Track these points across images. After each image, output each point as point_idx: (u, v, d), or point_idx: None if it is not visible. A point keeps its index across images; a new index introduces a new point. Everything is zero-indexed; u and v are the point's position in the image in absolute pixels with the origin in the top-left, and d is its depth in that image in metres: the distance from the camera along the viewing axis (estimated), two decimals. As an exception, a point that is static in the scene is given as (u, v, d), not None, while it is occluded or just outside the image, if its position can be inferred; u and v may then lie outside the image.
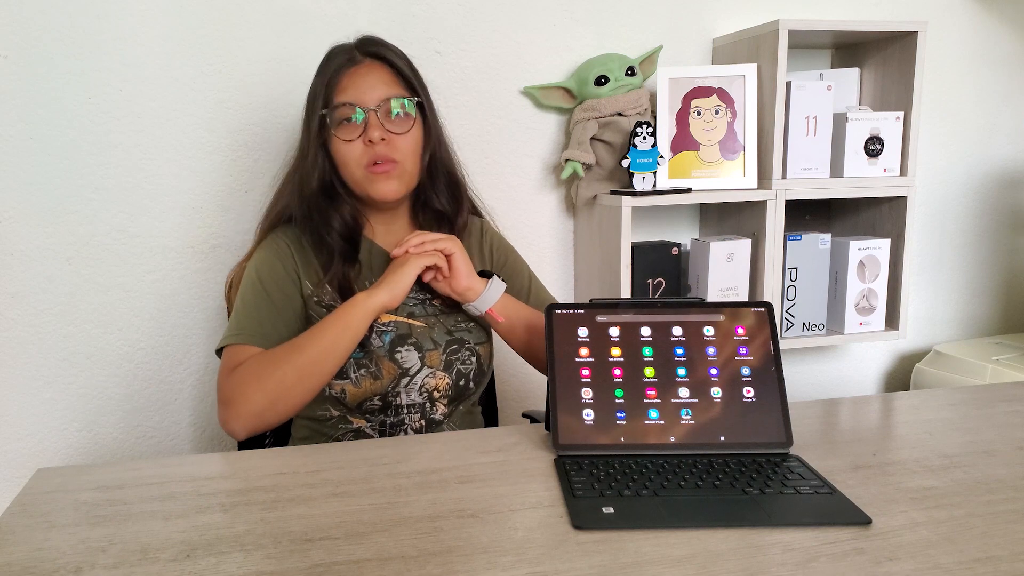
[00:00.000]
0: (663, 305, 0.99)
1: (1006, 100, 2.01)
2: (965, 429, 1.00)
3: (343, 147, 1.13)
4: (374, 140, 1.11)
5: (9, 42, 1.40)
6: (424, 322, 1.17)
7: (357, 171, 1.14)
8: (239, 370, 1.05)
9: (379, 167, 1.12)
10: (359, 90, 1.12)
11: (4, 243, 1.45)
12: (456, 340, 1.18)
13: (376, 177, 1.13)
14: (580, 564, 0.68)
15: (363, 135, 1.12)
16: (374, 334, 1.14)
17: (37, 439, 1.52)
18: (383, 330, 1.15)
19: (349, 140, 1.12)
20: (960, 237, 2.05)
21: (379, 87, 1.13)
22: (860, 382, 2.07)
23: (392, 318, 1.16)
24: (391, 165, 1.13)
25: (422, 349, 1.15)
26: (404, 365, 1.14)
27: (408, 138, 1.14)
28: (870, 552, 0.70)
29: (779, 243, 1.65)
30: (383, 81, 1.14)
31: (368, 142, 1.11)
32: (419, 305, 1.19)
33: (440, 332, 1.17)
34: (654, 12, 1.73)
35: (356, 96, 1.12)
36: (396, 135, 1.13)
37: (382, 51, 1.16)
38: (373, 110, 1.11)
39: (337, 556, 0.70)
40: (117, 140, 1.47)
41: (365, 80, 1.13)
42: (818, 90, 1.64)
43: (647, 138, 1.55)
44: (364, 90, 1.12)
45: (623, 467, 0.87)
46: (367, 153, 1.12)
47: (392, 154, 1.12)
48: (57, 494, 0.84)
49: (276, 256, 1.16)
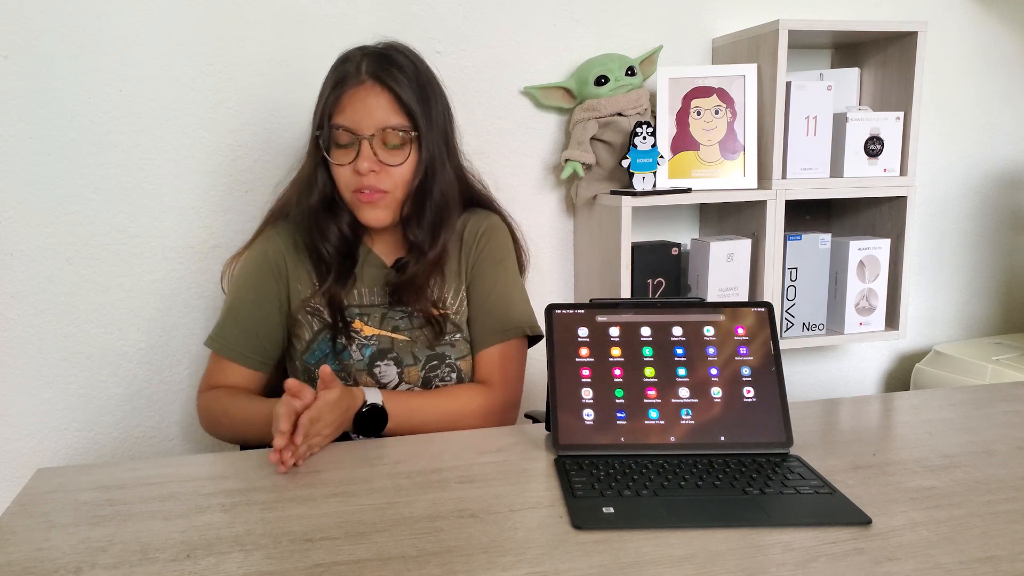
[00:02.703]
0: (663, 305, 0.99)
1: (1006, 100, 2.01)
2: (965, 429, 1.00)
3: (336, 168, 1.13)
4: (362, 171, 1.09)
5: (9, 42, 1.40)
6: (408, 336, 1.17)
7: (346, 194, 1.14)
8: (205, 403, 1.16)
9: (364, 196, 1.11)
10: (357, 115, 1.09)
11: (4, 243, 1.45)
12: (437, 356, 1.17)
13: (362, 205, 1.12)
14: (580, 564, 0.68)
15: (354, 162, 1.10)
16: (355, 347, 1.15)
17: (37, 439, 1.52)
18: (364, 343, 1.15)
19: (340, 164, 1.11)
20: (960, 237, 2.05)
21: (377, 114, 1.09)
22: (860, 382, 2.06)
23: (376, 331, 1.16)
24: (378, 196, 1.11)
25: (401, 364, 1.15)
26: (382, 380, 1.14)
27: (401, 169, 1.12)
28: (870, 552, 0.70)
29: (779, 243, 1.65)
30: (382, 107, 1.10)
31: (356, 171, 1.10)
32: (404, 319, 1.18)
33: (422, 347, 1.17)
34: (654, 12, 1.73)
35: (353, 121, 1.09)
36: (389, 166, 1.11)
37: (387, 77, 1.10)
38: (367, 139, 1.09)
39: (337, 556, 0.70)
40: (117, 140, 1.47)
41: (364, 104, 1.09)
42: (818, 90, 1.64)
43: (647, 138, 1.55)
44: (362, 116, 1.09)
45: (623, 467, 0.87)
46: (355, 180, 1.11)
47: (380, 184, 1.11)
48: (57, 494, 0.84)
49: (267, 258, 1.18)
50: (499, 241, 1.24)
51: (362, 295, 1.18)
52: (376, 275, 1.19)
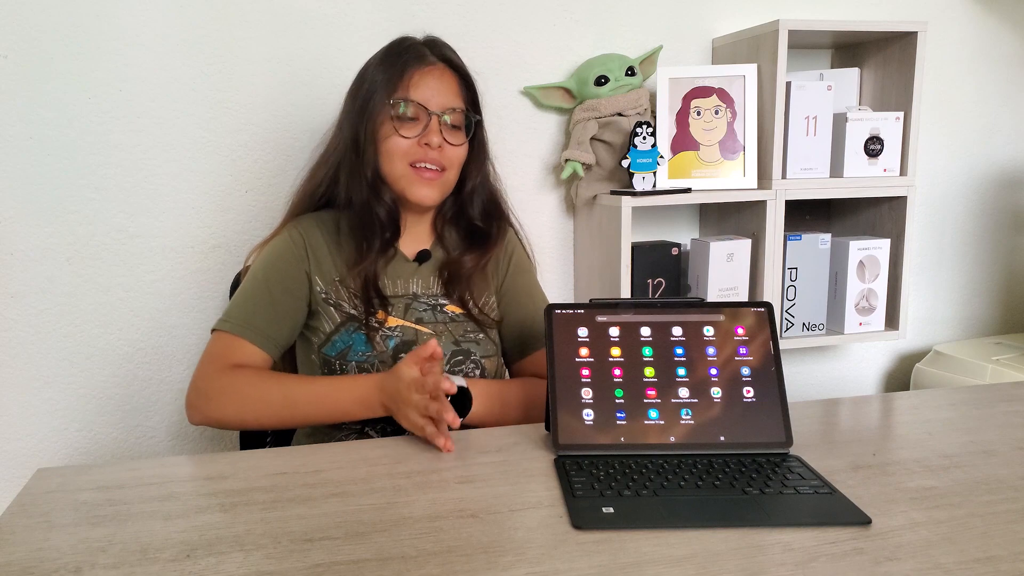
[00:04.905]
0: (663, 305, 0.99)
1: (1006, 100, 2.01)
2: (965, 429, 1.00)
3: (395, 140, 1.13)
4: (431, 144, 1.12)
5: (9, 42, 1.40)
6: (432, 329, 1.16)
7: (400, 166, 1.14)
8: (230, 380, 1.06)
9: (425, 171, 1.13)
10: (430, 91, 1.13)
11: (4, 243, 1.45)
12: (462, 351, 1.17)
13: (420, 179, 1.14)
14: (580, 564, 0.68)
15: (421, 136, 1.12)
16: (379, 337, 1.13)
17: (37, 439, 1.52)
18: (388, 335, 1.14)
19: (407, 136, 1.13)
20: (960, 237, 2.05)
21: (448, 95, 1.15)
22: (860, 382, 2.06)
23: (400, 323, 1.15)
24: (437, 174, 1.14)
25: None
26: None
27: (459, 149, 1.17)
28: (870, 552, 0.70)
29: (779, 243, 1.65)
30: (452, 90, 1.16)
31: (424, 144, 1.12)
32: (429, 311, 1.18)
33: (447, 342, 1.16)
34: (654, 12, 1.73)
35: (425, 97, 1.13)
36: (452, 145, 1.15)
37: (455, 59, 1.18)
38: (438, 115, 1.13)
39: (337, 556, 0.70)
40: (117, 140, 1.47)
41: (438, 84, 1.14)
42: (818, 90, 1.64)
43: (647, 138, 1.55)
44: (434, 93, 1.13)
45: (623, 467, 0.87)
46: (416, 151, 1.13)
47: (443, 161, 1.14)
48: (57, 494, 0.84)
49: (289, 251, 1.16)
50: (522, 250, 1.32)
51: (384, 287, 1.17)
52: (399, 268, 1.19)
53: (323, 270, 1.16)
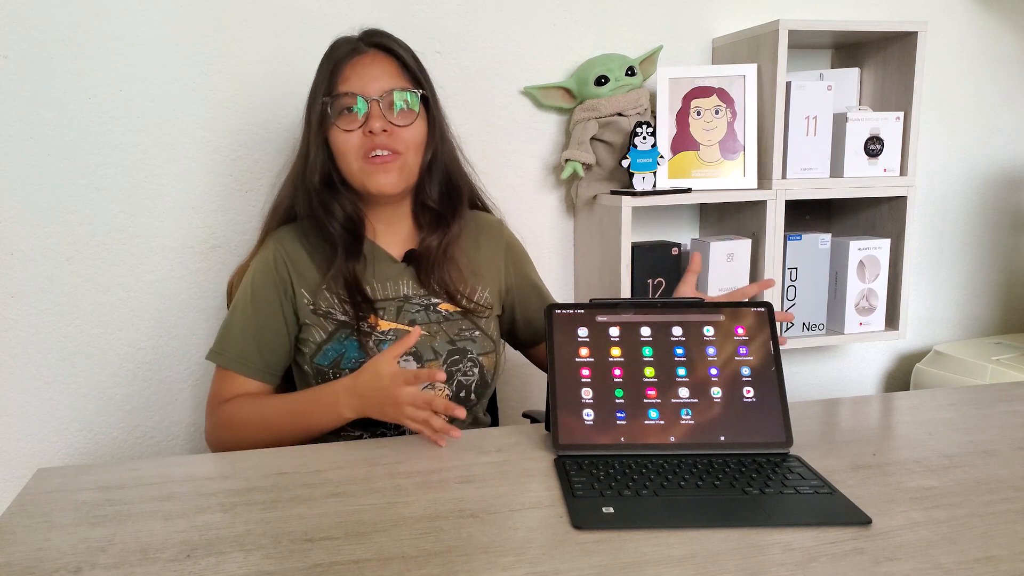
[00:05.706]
0: (663, 305, 0.99)
1: (1006, 100, 2.01)
2: (965, 429, 1.00)
3: (342, 137, 1.10)
4: (375, 131, 1.08)
5: (9, 42, 1.40)
6: (426, 330, 1.15)
7: (355, 162, 1.11)
8: (221, 415, 1.11)
9: (378, 159, 1.10)
10: (362, 80, 1.10)
11: (4, 243, 1.45)
12: (458, 350, 1.16)
13: (374, 169, 1.10)
14: (580, 564, 0.68)
15: (364, 126, 1.09)
16: (372, 342, 1.12)
17: (37, 439, 1.52)
18: (382, 339, 1.13)
19: (348, 130, 1.10)
20: (960, 237, 2.05)
21: (383, 78, 1.11)
22: (860, 382, 2.06)
23: (392, 326, 1.14)
24: (391, 157, 1.10)
25: (421, 359, 1.13)
26: None
27: (411, 130, 1.12)
28: (870, 552, 0.70)
29: (779, 243, 1.65)
30: (387, 72, 1.12)
31: (368, 133, 1.09)
32: (422, 312, 1.16)
33: (442, 341, 1.15)
34: (654, 12, 1.73)
35: (359, 86, 1.10)
36: (399, 127, 1.10)
37: (387, 42, 1.14)
38: (376, 100, 1.09)
39: (337, 556, 0.70)
40: (117, 140, 1.47)
41: (368, 70, 1.11)
42: (818, 90, 1.64)
43: (647, 138, 1.55)
44: (367, 80, 1.10)
45: (623, 467, 0.87)
46: (366, 143, 1.09)
47: (393, 145, 1.10)
48: (57, 494, 0.85)
49: (270, 272, 1.15)
50: (515, 237, 1.31)
51: (375, 291, 1.16)
52: (387, 269, 1.18)
53: (307, 280, 1.15)
